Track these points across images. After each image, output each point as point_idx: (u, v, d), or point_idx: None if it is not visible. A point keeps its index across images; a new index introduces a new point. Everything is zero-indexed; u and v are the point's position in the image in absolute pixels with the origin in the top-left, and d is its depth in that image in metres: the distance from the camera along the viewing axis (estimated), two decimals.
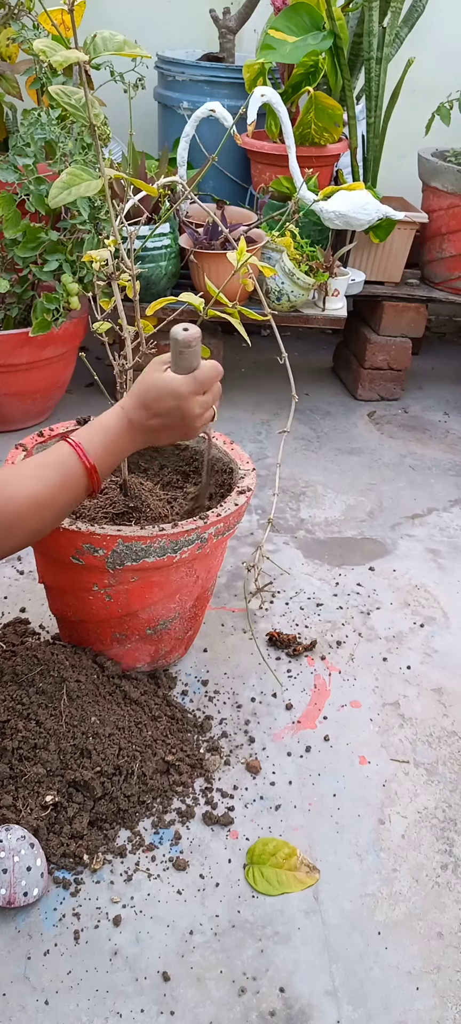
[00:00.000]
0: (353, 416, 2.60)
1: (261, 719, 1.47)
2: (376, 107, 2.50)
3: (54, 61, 1.10)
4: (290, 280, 2.29)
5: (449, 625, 1.74)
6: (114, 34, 1.15)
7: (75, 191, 1.17)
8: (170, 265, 2.30)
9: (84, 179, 1.18)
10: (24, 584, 1.74)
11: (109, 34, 1.15)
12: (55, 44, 1.15)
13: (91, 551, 1.29)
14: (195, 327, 1.18)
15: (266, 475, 2.19)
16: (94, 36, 1.15)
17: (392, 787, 1.36)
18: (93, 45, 1.14)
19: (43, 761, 1.23)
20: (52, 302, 2.05)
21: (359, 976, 1.10)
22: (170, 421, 1.20)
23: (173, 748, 1.35)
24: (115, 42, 1.15)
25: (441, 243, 2.61)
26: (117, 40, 1.15)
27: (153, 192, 1.31)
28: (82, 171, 1.19)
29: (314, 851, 1.25)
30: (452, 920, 1.17)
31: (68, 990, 1.06)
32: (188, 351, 1.18)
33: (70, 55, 1.10)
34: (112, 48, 1.14)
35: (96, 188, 1.18)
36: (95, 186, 1.18)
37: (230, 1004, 1.06)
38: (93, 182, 1.18)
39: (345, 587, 1.82)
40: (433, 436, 2.52)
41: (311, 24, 2.37)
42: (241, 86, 2.46)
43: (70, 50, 1.11)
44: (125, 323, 1.37)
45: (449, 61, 2.88)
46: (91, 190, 1.18)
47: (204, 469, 1.48)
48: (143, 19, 2.83)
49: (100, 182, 1.19)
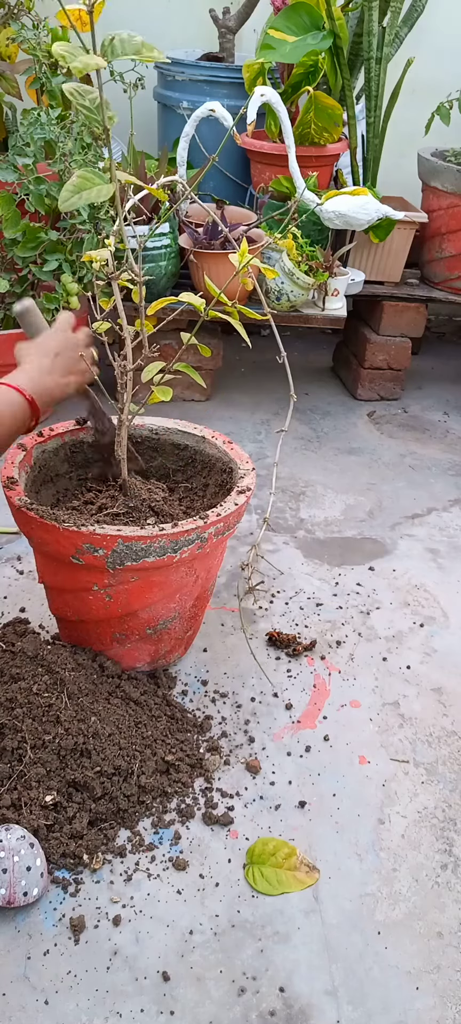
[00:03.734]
0: (353, 416, 2.60)
1: (261, 719, 1.47)
2: (376, 107, 2.50)
3: (73, 67, 1.06)
4: (290, 280, 2.29)
5: (449, 625, 1.74)
6: (132, 35, 1.11)
7: (86, 195, 1.14)
8: (170, 265, 2.30)
9: (96, 183, 1.15)
10: (24, 584, 1.73)
11: (127, 35, 1.10)
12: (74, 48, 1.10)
13: (91, 551, 1.29)
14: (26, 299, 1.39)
15: (266, 475, 2.19)
16: (112, 38, 1.10)
17: (392, 787, 1.37)
18: (111, 48, 1.10)
19: (43, 761, 1.23)
20: (52, 302, 2.05)
21: (359, 976, 1.10)
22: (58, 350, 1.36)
23: (173, 748, 1.35)
24: (133, 44, 1.11)
25: (441, 243, 2.62)
26: (135, 43, 1.11)
27: (161, 195, 1.30)
28: (93, 175, 1.15)
29: (314, 851, 1.25)
30: (452, 920, 1.17)
31: (68, 990, 1.06)
32: (31, 314, 1.37)
33: (90, 61, 1.06)
34: (130, 51, 1.10)
35: (108, 193, 1.15)
36: (107, 191, 1.15)
37: (230, 1004, 1.06)
38: (105, 187, 1.15)
39: (345, 587, 1.82)
40: (433, 436, 2.52)
41: (311, 24, 2.37)
42: (241, 86, 2.46)
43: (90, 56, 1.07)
44: (125, 323, 1.37)
45: (449, 61, 2.88)
46: (102, 195, 1.15)
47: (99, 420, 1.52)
48: (143, 19, 2.83)
49: (112, 187, 1.16)
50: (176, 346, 1.51)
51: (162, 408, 1.58)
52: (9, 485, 1.39)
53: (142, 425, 1.65)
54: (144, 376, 1.43)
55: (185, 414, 2.25)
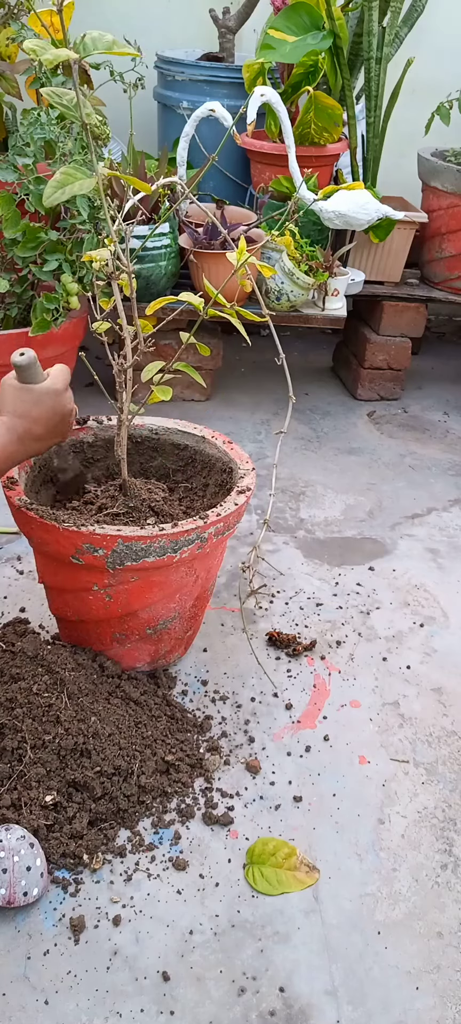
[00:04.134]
0: (353, 416, 2.60)
1: (261, 719, 1.47)
2: (376, 107, 2.50)
3: (44, 59, 1.12)
4: (290, 280, 2.29)
5: (449, 625, 1.74)
6: (103, 34, 1.17)
7: (69, 190, 1.18)
8: (170, 265, 2.30)
9: (78, 178, 1.19)
10: (24, 584, 1.74)
11: (98, 34, 1.17)
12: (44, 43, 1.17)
13: (91, 551, 1.29)
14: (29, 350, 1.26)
15: (266, 475, 2.19)
16: (83, 36, 1.16)
17: (392, 787, 1.37)
18: (83, 45, 1.16)
19: (43, 761, 1.23)
20: (52, 302, 2.05)
21: (359, 976, 1.10)
22: (51, 419, 1.27)
23: (173, 748, 1.35)
24: (104, 41, 1.16)
25: (441, 243, 2.62)
26: (106, 40, 1.17)
27: (147, 190, 1.31)
28: (76, 170, 1.20)
29: (314, 851, 1.25)
30: (452, 920, 1.17)
31: (68, 990, 1.06)
32: (31, 369, 1.26)
33: (60, 53, 1.12)
34: (102, 47, 1.16)
35: (90, 186, 1.20)
36: (88, 184, 1.20)
37: (230, 1004, 1.06)
38: (87, 180, 1.20)
39: (345, 587, 1.82)
40: (433, 436, 2.52)
41: (311, 24, 2.37)
42: (241, 86, 2.46)
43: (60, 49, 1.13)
44: (125, 323, 1.37)
45: (449, 61, 2.88)
46: (85, 188, 1.19)
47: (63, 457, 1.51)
48: (143, 19, 2.83)
49: (93, 180, 1.20)
50: (176, 346, 1.51)
51: (162, 408, 1.58)
52: (9, 485, 1.39)
53: (142, 425, 1.65)
54: (144, 376, 1.43)
55: (185, 414, 2.25)
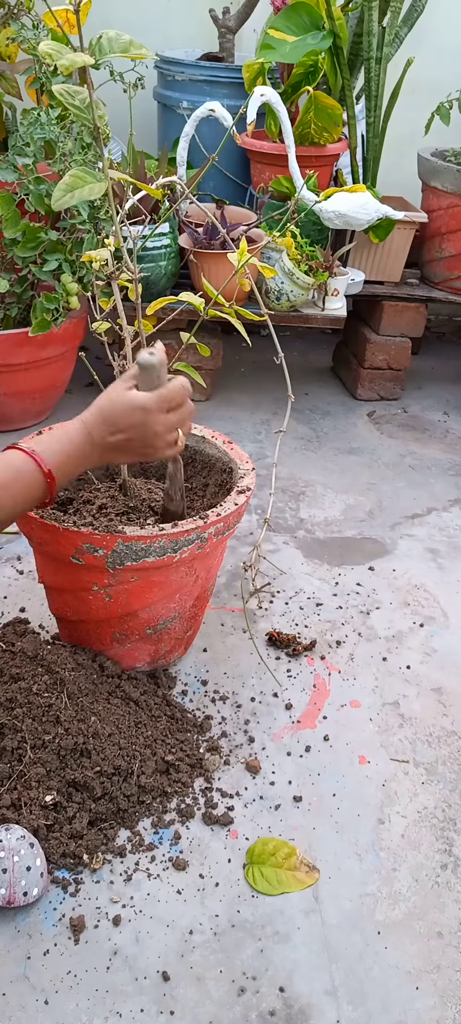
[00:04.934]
0: (353, 416, 2.60)
1: (261, 719, 1.47)
2: (376, 107, 2.50)
3: (60, 65, 1.07)
4: (290, 280, 2.29)
5: (449, 625, 1.74)
6: (120, 34, 1.13)
7: (78, 194, 1.15)
8: (170, 265, 2.30)
9: (88, 181, 1.16)
10: (24, 584, 1.74)
11: (115, 34, 1.13)
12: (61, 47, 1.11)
13: (91, 551, 1.29)
14: (161, 351, 1.17)
15: (266, 475, 2.19)
16: (99, 37, 1.12)
17: (392, 787, 1.37)
18: (99, 46, 1.12)
19: (43, 761, 1.23)
20: (52, 302, 2.05)
21: (359, 976, 1.10)
22: (132, 436, 1.17)
23: (173, 748, 1.35)
24: (121, 43, 1.12)
25: (441, 243, 2.61)
26: (123, 41, 1.13)
27: (156, 194, 1.30)
28: (85, 173, 1.16)
29: (314, 851, 1.25)
30: (452, 920, 1.17)
31: (68, 990, 1.06)
32: (154, 373, 1.16)
33: (77, 58, 1.08)
34: (118, 49, 1.12)
35: (100, 191, 1.16)
36: (99, 189, 1.16)
37: (230, 1004, 1.06)
38: (97, 185, 1.16)
39: (345, 587, 1.82)
40: (433, 436, 2.52)
41: (311, 24, 2.37)
42: (241, 86, 2.46)
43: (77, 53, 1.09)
44: (125, 323, 1.37)
45: (449, 61, 2.88)
46: (95, 193, 1.16)
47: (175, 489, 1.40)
48: (143, 19, 2.83)
49: (104, 185, 1.17)
50: (176, 346, 1.51)
51: None
52: None
53: None
54: None
55: None
